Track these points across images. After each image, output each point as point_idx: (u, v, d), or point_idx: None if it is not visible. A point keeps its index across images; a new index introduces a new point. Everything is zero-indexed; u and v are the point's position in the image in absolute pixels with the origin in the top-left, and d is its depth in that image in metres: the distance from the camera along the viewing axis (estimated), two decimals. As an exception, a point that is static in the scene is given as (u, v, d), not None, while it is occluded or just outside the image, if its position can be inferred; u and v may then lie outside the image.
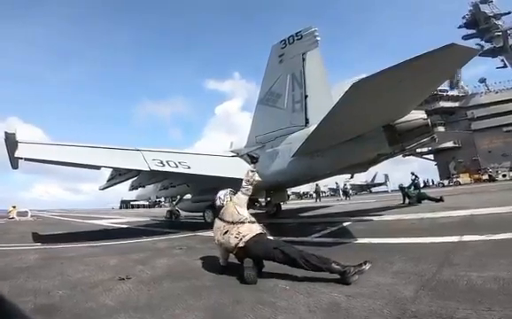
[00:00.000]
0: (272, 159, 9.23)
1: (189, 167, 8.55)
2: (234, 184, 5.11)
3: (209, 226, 5.56)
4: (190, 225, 10.62)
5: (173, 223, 12.89)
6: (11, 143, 6.49)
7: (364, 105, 6.05)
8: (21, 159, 6.52)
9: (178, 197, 14.28)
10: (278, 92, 9.74)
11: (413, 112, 7.61)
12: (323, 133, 7.18)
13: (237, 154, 10.77)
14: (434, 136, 8.72)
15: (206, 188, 10.45)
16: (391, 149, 7.86)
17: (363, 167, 10.14)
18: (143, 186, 13.67)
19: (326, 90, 8.84)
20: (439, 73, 5.61)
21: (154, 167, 7.91)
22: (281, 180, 9.43)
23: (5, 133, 6.43)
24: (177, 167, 8.36)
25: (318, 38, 9.12)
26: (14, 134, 6.43)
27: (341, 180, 35.04)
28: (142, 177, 11.27)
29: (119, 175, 10.82)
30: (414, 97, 6.66)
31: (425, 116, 7.77)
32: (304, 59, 9.28)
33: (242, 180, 3.94)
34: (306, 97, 9.11)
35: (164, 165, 8.16)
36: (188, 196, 13.30)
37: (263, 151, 9.46)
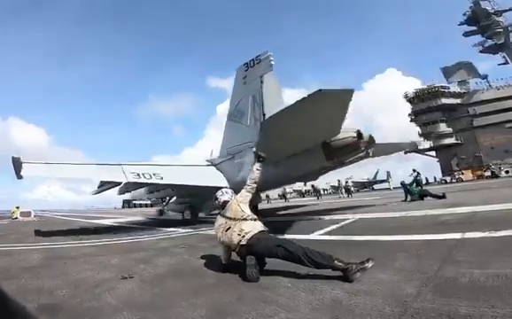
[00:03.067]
0: (240, 168, 10.37)
1: (161, 178, 9.99)
2: (206, 191, 6.82)
3: (188, 223, 8.52)
4: (191, 223, 10.63)
5: (175, 222, 12.91)
6: (17, 164, 7.97)
7: (282, 132, 7.38)
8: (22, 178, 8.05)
9: (167, 198, 15.28)
10: (243, 110, 10.87)
11: (346, 129, 8.36)
12: (268, 150, 7.98)
13: (212, 163, 11.99)
14: (368, 152, 9.62)
15: (186, 192, 12.42)
16: (328, 163, 8.84)
17: (312, 176, 11.40)
18: (129, 191, 15.21)
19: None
20: (330, 110, 6.66)
21: (131, 179, 9.39)
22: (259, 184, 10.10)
23: (12, 157, 8.05)
24: (151, 178, 9.77)
25: (272, 62, 10.04)
26: (19, 157, 8.01)
27: (343, 177, 35.47)
28: (124, 186, 12.65)
29: (106, 183, 12.09)
30: (325, 125, 7.62)
31: (354, 134, 8.49)
32: (262, 82, 10.21)
33: (214, 187, 4.19)
34: (264, 115, 9.92)
35: (140, 177, 9.57)
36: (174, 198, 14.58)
37: (232, 161, 10.74)
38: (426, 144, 55.81)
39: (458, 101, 53.06)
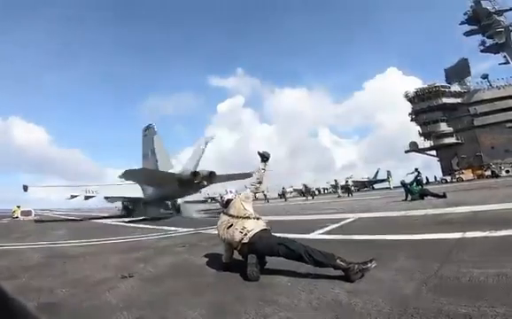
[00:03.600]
0: (148, 188, 19.05)
1: (97, 192, 20.48)
2: (132, 199, 20.08)
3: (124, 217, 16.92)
4: (190, 221, 10.65)
5: (173, 221, 12.95)
6: (25, 187, 16.79)
7: (135, 178, 18.06)
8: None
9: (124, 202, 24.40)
10: (147, 155, 20.16)
11: (187, 170, 15.32)
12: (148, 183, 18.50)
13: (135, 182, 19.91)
14: (204, 183, 16.01)
15: (123, 200, 22.70)
16: (181, 190, 16.09)
17: (181, 195, 18.19)
18: (88, 199, 22.61)
19: (166, 158, 18.37)
20: (147, 173, 17.39)
21: (84, 194, 19.88)
22: (154, 197, 18.56)
23: (23, 185, 16.98)
24: (92, 193, 20.07)
25: (156, 129, 19.82)
26: (27, 185, 17.14)
27: (343, 177, 36.01)
28: (83, 197, 21.26)
29: (72, 195, 21.40)
30: (155, 176, 16.90)
31: (189, 174, 14.96)
32: (153, 140, 19.15)
33: (134, 197, 18.66)
34: (156, 161, 18.37)
35: (87, 192, 19.88)
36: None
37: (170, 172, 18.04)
38: (426, 144, 55.79)
39: (459, 100, 52.90)
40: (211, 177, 15.77)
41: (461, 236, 4.29)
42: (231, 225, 3.47)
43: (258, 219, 3.53)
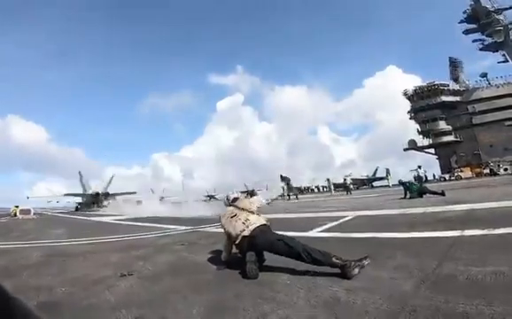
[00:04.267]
0: (84, 197, 50.41)
1: (62, 194, 54.06)
2: (77, 202, 51.32)
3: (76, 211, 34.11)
4: (189, 220, 10.65)
5: (172, 219, 12.95)
6: (27, 197, 49.68)
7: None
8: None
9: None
10: (82, 184, 51.88)
11: (95, 191, 47.98)
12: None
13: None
14: (106, 198, 46.33)
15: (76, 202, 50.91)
16: (94, 199, 46.03)
17: (96, 201, 44.87)
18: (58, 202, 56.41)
19: (88, 186, 50.93)
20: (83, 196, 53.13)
21: (54, 201, 55.65)
22: (86, 202, 47.13)
23: (27, 196, 49.03)
24: (61, 197, 54.81)
25: (82, 174, 53.80)
26: (28, 196, 49.35)
27: (341, 175, 36.20)
28: (55, 201, 55.52)
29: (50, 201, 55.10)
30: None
31: (94, 193, 47.51)
32: (82, 178, 52.59)
33: (79, 202, 49.46)
34: (84, 187, 50.81)
35: (57, 198, 55.23)
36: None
37: (84, 196, 50.02)
38: (425, 142, 55.92)
39: (457, 99, 53.01)
40: (107, 194, 39.33)
41: (459, 234, 4.30)
42: (235, 215, 3.56)
43: (259, 216, 3.65)
